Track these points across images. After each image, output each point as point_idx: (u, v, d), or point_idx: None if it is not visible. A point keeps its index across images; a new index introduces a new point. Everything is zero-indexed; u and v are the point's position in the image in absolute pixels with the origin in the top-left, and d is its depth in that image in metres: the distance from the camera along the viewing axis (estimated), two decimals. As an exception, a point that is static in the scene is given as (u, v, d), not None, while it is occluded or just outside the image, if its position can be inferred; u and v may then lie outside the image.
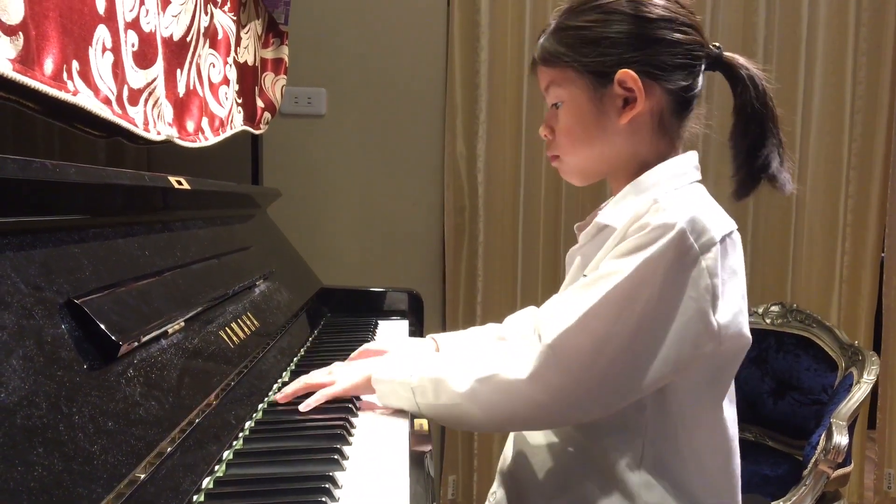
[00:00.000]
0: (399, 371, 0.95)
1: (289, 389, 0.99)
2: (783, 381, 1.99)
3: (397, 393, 0.94)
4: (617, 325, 0.81)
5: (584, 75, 0.92)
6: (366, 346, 1.16)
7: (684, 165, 0.92)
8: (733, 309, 0.84)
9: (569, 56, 0.92)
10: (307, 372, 1.18)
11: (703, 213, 0.83)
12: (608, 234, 0.90)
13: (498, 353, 0.91)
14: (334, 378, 0.99)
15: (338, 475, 0.76)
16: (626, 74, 0.89)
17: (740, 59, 0.93)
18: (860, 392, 1.67)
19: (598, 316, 0.82)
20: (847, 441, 1.56)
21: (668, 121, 0.93)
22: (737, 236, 0.87)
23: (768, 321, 2.05)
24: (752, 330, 0.88)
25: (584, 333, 0.82)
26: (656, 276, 0.81)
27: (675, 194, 0.88)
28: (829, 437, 1.56)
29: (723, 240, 0.83)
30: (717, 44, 0.94)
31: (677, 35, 0.90)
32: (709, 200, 0.89)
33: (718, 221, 0.85)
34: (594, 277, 0.84)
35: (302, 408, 0.95)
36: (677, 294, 0.81)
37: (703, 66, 0.93)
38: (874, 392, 1.74)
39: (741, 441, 0.95)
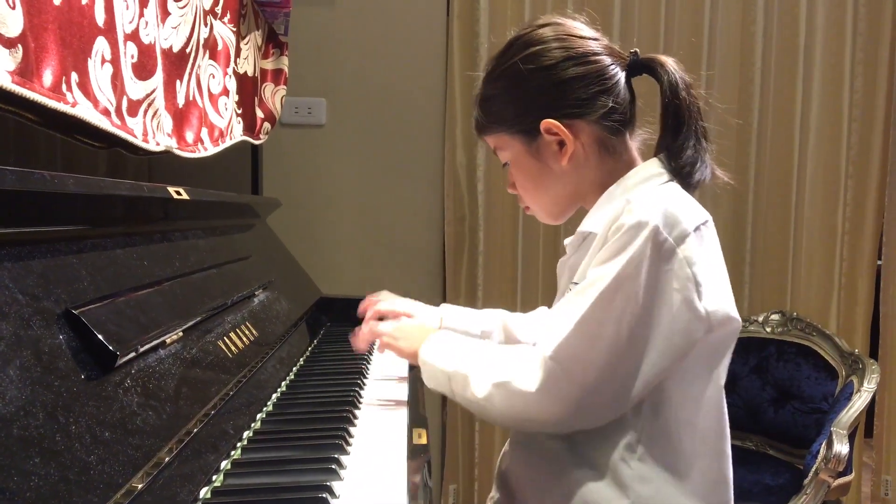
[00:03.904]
0: (443, 357, 1.00)
1: (362, 342, 1.17)
2: (784, 390, 1.98)
3: (436, 377, 1.00)
4: (609, 325, 0.84)
5: (515, 135, 0.98)
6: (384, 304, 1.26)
7: (650, 170, 0.95)
8: (718, 293, 0.87)
9: (495, 123, 1.01)
10: (306, 382, 1.19)
11: (673, 207, 0.87)
12: (591, 241, 0.94)
13: (514, 355, 0.95)
14: (398, 337, 1.10)
15: (335, 485, 0.76)
16: (548, 124, 0.95)
17: (660, 58, 0.96)
18: (861, 400, 1.67)
19: (590, 320, 0.85)
20: (848, 450, 1.56)
21: (611, 142, 0.97)
22: (711, 226, 0.90)
23: (769, 329, 2.04)
24: (752, 339, 0.89)
25: (580, 339, 0.86)
26: (639, 273, 0.84)
27: (646, 193, 0.91)
28: (830, 445, 1.56)
29: (697, 228, 0.87)
30: (634, 49, 0.98)
31: (580, 69, 0.94)
32: (680, 194, 0.92)
33: (691, 213, 0.88)
34: (583, 286, 0.88)
35: (374, 349, 1.06)
36: (661, 288, 0.84)
37: (622, 81, 0.96)
38: (871, 399, 1.74)
39: (741, 450, 0.95)
